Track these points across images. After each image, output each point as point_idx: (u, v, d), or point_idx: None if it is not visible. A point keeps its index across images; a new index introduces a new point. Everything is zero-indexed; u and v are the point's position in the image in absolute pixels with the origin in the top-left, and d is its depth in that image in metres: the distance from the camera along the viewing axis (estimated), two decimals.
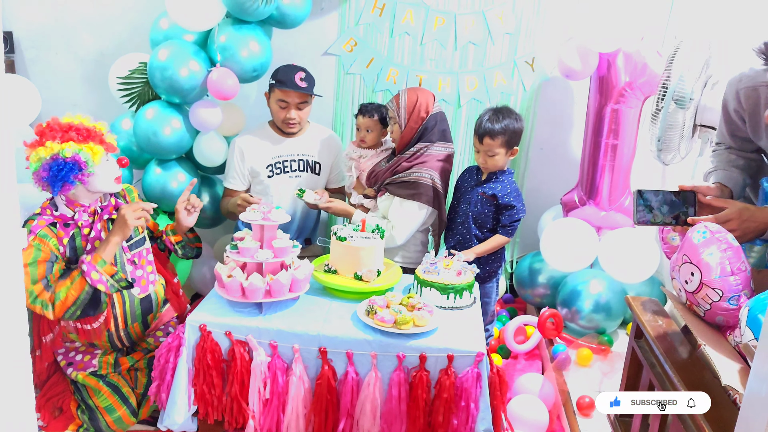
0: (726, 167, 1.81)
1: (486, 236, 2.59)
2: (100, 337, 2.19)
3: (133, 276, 2.19)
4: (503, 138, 2.46)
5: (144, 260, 2.23)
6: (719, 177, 1.77)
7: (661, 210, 1.63)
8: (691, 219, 1.59)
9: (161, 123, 2.70)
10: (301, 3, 2.77)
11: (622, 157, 2.91)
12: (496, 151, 2.48)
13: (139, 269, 2.21)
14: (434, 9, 3.17)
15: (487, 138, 2.47)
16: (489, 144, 2.47)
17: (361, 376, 1.90)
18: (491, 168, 2.54)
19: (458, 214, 2.64)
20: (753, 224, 1.54)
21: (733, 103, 1.75)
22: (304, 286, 2.06)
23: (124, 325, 2.21)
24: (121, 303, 2.17)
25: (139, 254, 2.22)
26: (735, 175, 1.77)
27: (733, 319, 1.43)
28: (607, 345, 2.78)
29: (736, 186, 1.75)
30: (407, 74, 3.27)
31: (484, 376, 1.86)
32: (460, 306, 2.13)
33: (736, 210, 1.56)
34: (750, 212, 1.55)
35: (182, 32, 2.72)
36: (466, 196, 2.61)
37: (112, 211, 2.19)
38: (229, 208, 2.75)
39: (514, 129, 2.48)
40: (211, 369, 1.94)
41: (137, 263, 2.20)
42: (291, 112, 2.65)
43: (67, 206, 2.08)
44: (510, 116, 2.48)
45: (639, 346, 1.73)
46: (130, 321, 2.22)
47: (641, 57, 2.76)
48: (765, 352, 0.98)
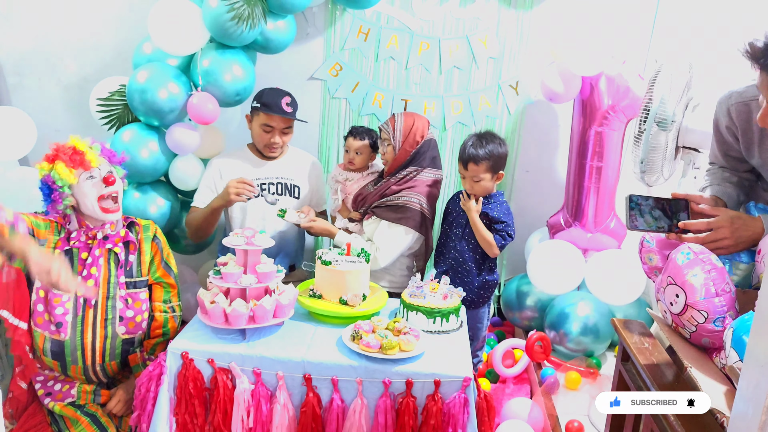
0: (720, 183, 1.81)
1: (481, 258, 2.57)
2: (74, 369, 2.13)
3: (123, 315, 2.12)
4: (488, 163, 2.46)
5: (139, 302, 2.16)
6: (713, 191, 1.77)
7: (653, 216, 1.62)
8: (682, 223, 1.58)
9: (138, 145, 2.68)
10: (286, 28, 2.78)
11: (607, 179, 2.93)
12: (482, 176, 2.48)
13: (130, 310, 2.14)
14: (419, 34, 3.21)
15: (472, 164, 2.47)
16: (474, 170, 2.47)
17: (346, 403, 1.87)
18: (479, 193, 2.54)
19: (450, 238, 2.63)
20: (745, 233, 1.53)
21: (725, 120, 1.76)
22: (289, 311, 2.03)
23: (101, 360, 2.13)
24: (102, 337, 2.10)
25: (135, 295, 2.15)
26: (729, 191, 1.78)
27: (718, 341, 1.42)
28: (596, 368, 2.76)
29: (730, 200, 1.75)
30: (393, 98, 3.29)
31: (471, 401, 1.84)
32: (447, 330, 2.11)
33: (728, 218, 1.55)
34: (742, 221, 1.54)
35: (166, 56, 2.71)
36: (459, 220, 2.60)
37: (118, 242, 2.12)
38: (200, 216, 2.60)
39: (499, 154, 2.48)
40: (194, 398, 1.90)
41: (129, 303, 2.14)
42: (275, 137, 2.62)
43: (77, 222, 2.08)
44: (494, 141, 2.49)
45: (626, 369, 1.71)
46: (107, 358, 2.14)
47: (623, 80, 2.80)
48: (749, 373, 0.97)
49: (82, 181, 2.03)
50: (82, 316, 2.07)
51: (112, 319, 2.10)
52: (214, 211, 2.55)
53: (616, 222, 3.01)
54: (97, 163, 2.06)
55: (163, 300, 2.24)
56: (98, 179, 2.05)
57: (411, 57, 3.24)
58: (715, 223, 1.55)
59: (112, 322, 2.10)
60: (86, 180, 2.03)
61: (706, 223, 1.56)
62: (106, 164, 2.11)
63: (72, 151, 2.00)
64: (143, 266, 2.18)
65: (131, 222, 2.22)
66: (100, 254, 2.09)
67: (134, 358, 2.18)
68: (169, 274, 2.25)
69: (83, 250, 2.08)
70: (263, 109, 2.56)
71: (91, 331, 2.08)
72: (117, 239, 2.13)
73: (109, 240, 2.11)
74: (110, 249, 2.11)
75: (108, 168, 2.10)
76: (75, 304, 2.06)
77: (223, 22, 2.47)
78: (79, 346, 2.08)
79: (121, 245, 2.14)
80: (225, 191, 2.47)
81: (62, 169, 1.98)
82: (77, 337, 2.07)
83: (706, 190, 1.81)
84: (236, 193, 2.44)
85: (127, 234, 2.16)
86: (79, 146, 2.02)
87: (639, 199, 1.62)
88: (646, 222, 1.62)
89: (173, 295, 2.27)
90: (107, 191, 2.06)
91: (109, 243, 2.11)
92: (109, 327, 2.10)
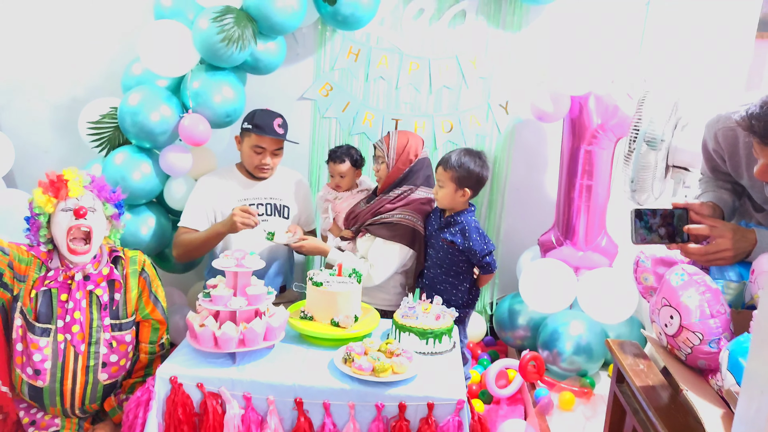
0: (714, 189, 1.83)
1: (456, 279, 2.55)
2: (53, 410, 2.05)
3: (106, 360, 2.04)
4: (454, 173, 2.44)
5: (124, 345, 2.08)
6: (709, 197, 1.79)
7: (658, 229, 1.64)
8: (686, 227, 1.60)
9: (130, 168, 2.66)
10: (276, 49, 2.78)
11: (597, 198, 2.94)
12: (444, 183, 2.46)
13: (114, 354, 2.05)
14: (408, 54, 3.22)
15: (441, 167, 2.48)
16: (440, 173, 2.48)
17: (338, 428, 1.84)
18: (441, 202, 2.52)
19: (426, 258, 2.62)
20: (743, 244, 1.56)
21: (712, 143, 1.77)
22: (280, 333, 2.01)
23: (81, 404, 2.05)
24: (82, 384, 2.02)
25: (120, 338, 2.06)
26: (725, 197, 1.79)
27: (714, 363, 1.41)
28: (590, 387, 2.74)
29: (726, 206, 1.77)
30: (383, 118, 3.29)
31: (465, 424, 1.81)
32: (440, 351, 2.09)
33: (728, 229, 1.58)
34: (741, 232, 1.58)
35: (155, 78, 2.70)
36: (431, 241, 2.59)
37: (100, 282, 2.00)
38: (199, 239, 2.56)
39: (470, 170, 2.44)
40: (183, 423, 1.86)
41: (113, 347, 2.05)
42: (266, 159, 2.61)
43: (59, 260, 2.00)
44: (474, 159, 2.46)
45: (621, 391, 1.70)
46: (88, 401, 2.05)
47: (612, 99, 2.81)
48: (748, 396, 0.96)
49: (57, 212, 1.94)
50: (62, 363, 1.98)
51: (95, 366, 2.02)
52: (218, 236, 2.54)
53: (607, 240, 3.02)
54: (76, 194, 1.94)
55: (150, 341, 2.16)
56: (71, 210, 1.94)
57: (401, 77, 3.25)
58: (717, 232, 1.57)
59: (94, 369, 2.02)
60: (60, 211, 1.94)
61: (708, 228, 1.58)
62: (90, 198, 1.99)
63: (56, 178, 1.91)
64: (129, 305, 2.08)
65: (116, 257, 2.10)
66: (82, 297, 1.98)
67: (109, 403, 2.09)
68: (157, 308, 2.16)
69: (62, 291, 1.97)
70: (255, 130, 2.55)
71: (71, 379, 2.00)
72: (99, 279, 2.02)
73: (91, 280, 2.00)
74: (91, 291, 2.00)
75: (90, 203, 1.98)
76: (54, 350, 1.97)
77: (214, 43, 2.47)
78: (58, 392, 2.00)
79: (105, 284, 2.03)
80: (230, 219, 2.45)
81: (39, 195, 1.91)
82: (56, 384, 1.99)
83: (702, 197, 1.82)
84: (242, 223, 2.43)
85: (111, 272, 2.05)
86: (65, 174, 1.93)
87: (643, 213, 1.64)
88: (651, 236, 1.64)
89: (162, 332, 2.19)
90: (75, 224, 1.94)
91: (91, 284, 2.00)
92: (91, 374, 2.02)
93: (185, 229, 2.63)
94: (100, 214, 2.01)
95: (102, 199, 2.03)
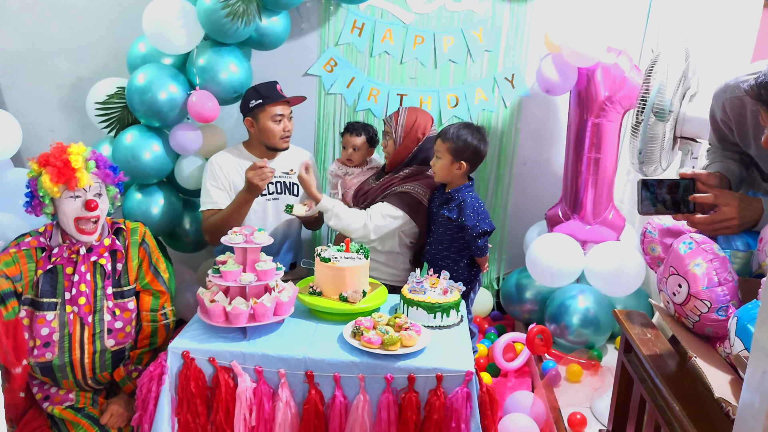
0: (722, 160, 1.82)
1: (457, 255, 2.56)
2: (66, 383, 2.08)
3: (111, 327, 2.07)
4: (451, 144, 2.44)
5: (127, 312, 2.10)
6: (716, 168, 1.78)
7: (664, 199, 1.63)
8: (692, 197, 1.59)
9: (141, 147, 2.67)
10: (280, 24, 2.77)
11: (605, 171, 2.92)
12: (442, 154, 2.46)
13: (119, 321, 2.09)
14: (413, 28, 3.19)
15: (439, 139, 2.48)
16: (438, 145, 2.48)
17: (349, 400, 1.86)
18: (438, 174, 2.51)
19: (429, 234, 2.63)
20: (749, 213, 1.55)
21: (720, 113, 1.76)
22: (289, 309, 2.02)
23: (92, 374, 2.08)
24: (91, 353, 2.05)
25: (123, 305, 2.10)
26: (732, 167, 1.78)
27: (722, 330, 1.42)
28: (597, 360, 2.76)
29: (734, 176, 1.76)
30: (388, 93, 3.28)
31: (474, 395, 1.83)
32: (448, 324, 2.10)
33: (735, 197, 1.57)
34: (747, 200, 1.57)
35: (160, 55, 2.70)
36: (434, 218, 2.59)
37: (103, 253, 2.05)
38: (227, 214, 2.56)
39: (467, 142, 2.43)
40: (195, 397, 1.89)
41: (117, 314, 2.08)
42: (287, 124, 2.64)
43: (61, 236, 2.02)
44: (472, 132, 2.45)
45: (629, 360, 1.71)
46: (98, 371, 2.09)
47: (620, 71, 2.79)
48: (756, 362, 0.97)
49: (64, 198, 1.95)
50: (69, 333, 2.02)
51: (101, 333, 2.06)
52: (244, 203, 2.54)
53: (614, 213, 3.01)
54: (84, 184, 1.95)
55: (151, 309, 2.17)
56: (81, 201, 1.97)
57: (406, 51, 3.22)
58: (722, 200, 1.56)
59: (101, 336, 2.06)
60: (68, 198, 1.96)
61: (714, 197, 1.57)
62: (97, 185, 2.01)
63: (63, 164, 1.91)
64: (130, 273, 2.11)
65: (118, 228, 2.12)
66: (87, 269, 2.02)
67: (119, 373, 2.12)
68: (157, 279, 2.17)
69: (68, 266, 2.01)
70: (267, 101, 2.56)
71: (79, 348, 2.04)
72: (102, 249, 2.05)
73: (94, 252, 2.04)
74: (95, 261, 2.04)
75: (97, 190, 2.00)
76: (62, 322, 2.01)
77: (218, 18, 2.46)
78: (68, 363, 2.04)
79: (107, 254, 2.06)
80: (248, 183, 2.46)
81: (47, 181, 1.91)
82: (65, 355, 2.02)
83: (710, 168, 1.82)
84: (261, 180, 2.44)
85: (113, 242, 2.08)
86: (73, 162, 1.92)
87: (650, 183, 1.63)
88: (658, 206, 1.63)
89: (164, 301, 2.20)
90: (86, 215, 1.98)
91: (94, 255, 2.03)
92: (98, 342, 2.06)
93: (210, 212, 2.64)
94: (105, 198, 2.05)
95: (108, 183, 2.07)
